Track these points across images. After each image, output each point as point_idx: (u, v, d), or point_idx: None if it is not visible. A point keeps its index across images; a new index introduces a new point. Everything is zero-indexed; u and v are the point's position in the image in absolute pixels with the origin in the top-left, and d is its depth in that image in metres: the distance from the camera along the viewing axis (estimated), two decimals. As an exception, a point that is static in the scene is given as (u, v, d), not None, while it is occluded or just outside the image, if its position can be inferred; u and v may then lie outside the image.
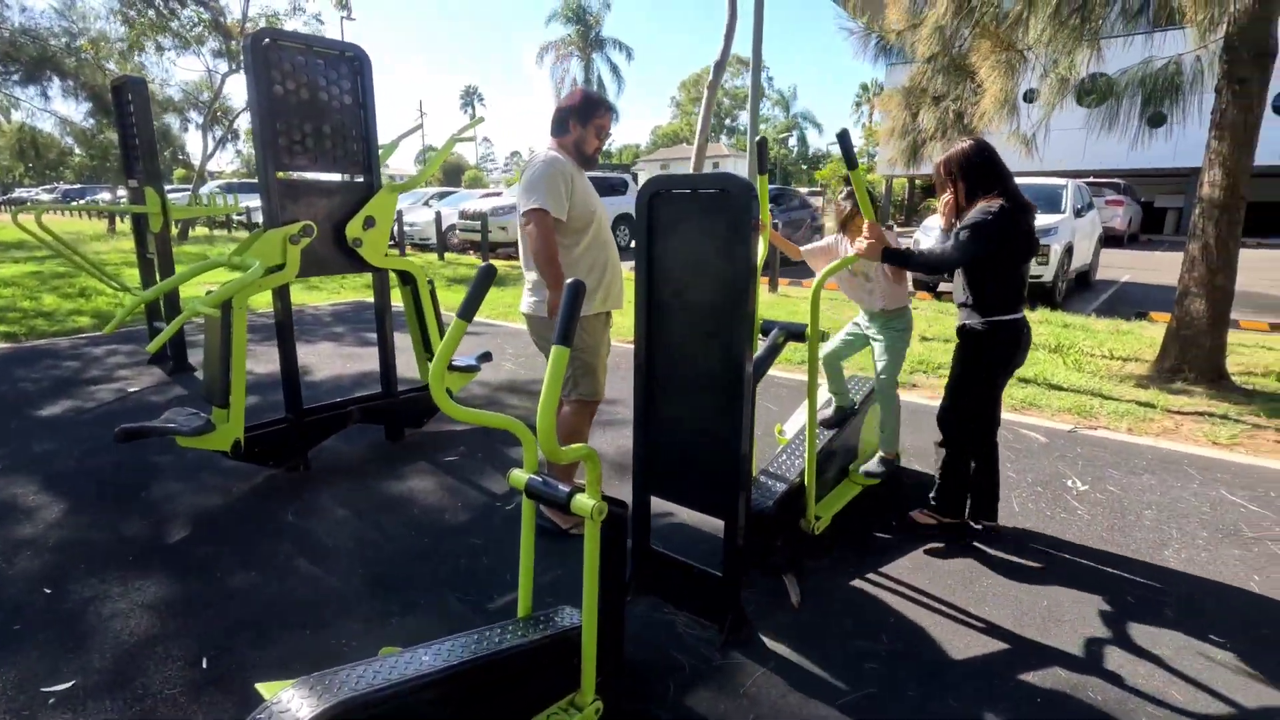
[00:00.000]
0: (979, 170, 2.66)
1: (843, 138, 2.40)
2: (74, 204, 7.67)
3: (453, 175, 49.87)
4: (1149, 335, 6.60)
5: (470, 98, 65.36)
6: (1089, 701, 2.01)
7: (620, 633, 2.01)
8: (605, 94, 45.08)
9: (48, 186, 35.64)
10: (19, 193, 36.56)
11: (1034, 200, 10.01)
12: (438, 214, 14.28)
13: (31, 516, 3.10)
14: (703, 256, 2.14)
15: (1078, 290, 10.20)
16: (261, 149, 3.27)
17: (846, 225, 3.08)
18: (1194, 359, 5.04)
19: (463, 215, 15.00)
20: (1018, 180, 2.77)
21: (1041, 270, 8.45)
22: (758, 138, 2.88)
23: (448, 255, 14.20)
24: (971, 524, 2.94)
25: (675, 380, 2.28)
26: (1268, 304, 9.05)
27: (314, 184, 3.52)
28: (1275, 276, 12.00)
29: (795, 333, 2.72)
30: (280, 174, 3.35)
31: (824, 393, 3.42)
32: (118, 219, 20.73)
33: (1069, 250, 8.95)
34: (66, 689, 2.05)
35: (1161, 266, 13.43)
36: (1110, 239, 16.72)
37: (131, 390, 5.03)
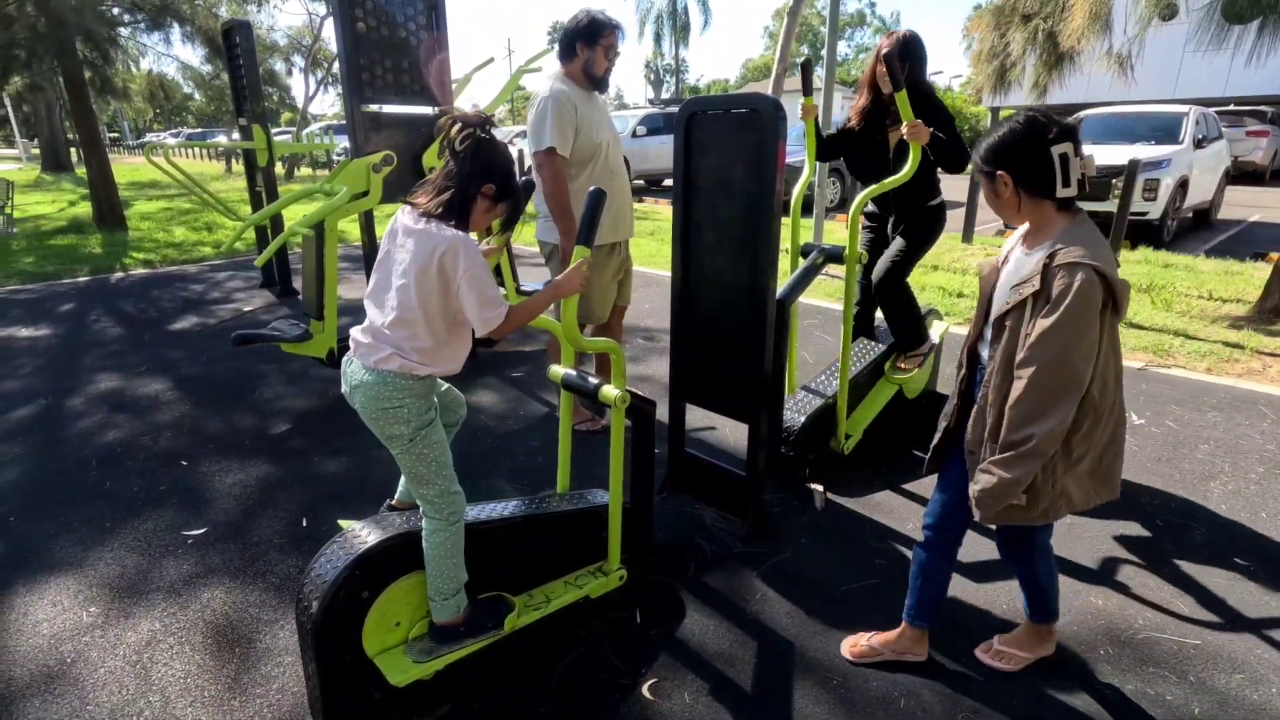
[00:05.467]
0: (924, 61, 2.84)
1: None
2: (195, 143, 8.41)
3: (539, 115, 49.81)
4: (1261, 277, 6.08)
5: (557, 33, 64.61)
6: (1089, 604, 2.11)
7: (649, 515, 2.25)
8: (689, 25, 43.21)
9: (173, 131, 38.53)
10: (149, 137, 39.78)
11: (1149, 130, 9.26)
12: (519, 152, 14.57)
13: (170, 408, 3.67)
14: (733, 175, 2.26)
15: (1193, 229, 9.38)
16: (347, 84, 3.57)
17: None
18: (1302, 299, 4.67)
19: (544, 153, 15.21)
20: (1128, 108, 2.81)
21: (1148, 207, 7.82)
22: (801, 59, 2.90)
23: (530, 193, 14.55)
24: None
25: (707, 294, 2.45)
26: None
27: (394, 116, 3.81)
28: None
29: (834, 255, 2.80)
30: (365, 107, 3.65)
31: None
32: (233, 161, 22.34)
33: (1183, 185, 8.20)
34: (201, 534, 2.53)
35: (1303, 205, 12.04)
36: (1247, 174, 15.06)
37: (246, 310, 5.66)
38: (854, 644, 1.93)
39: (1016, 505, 1.53)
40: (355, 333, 1.64)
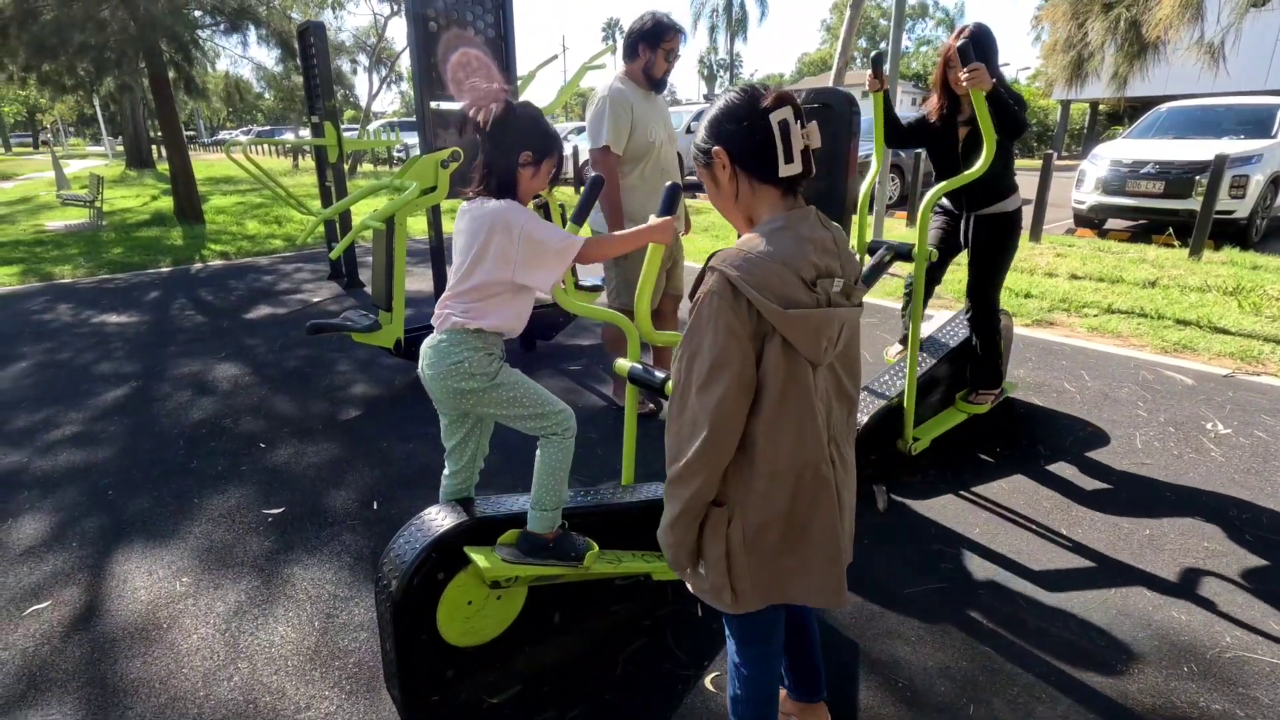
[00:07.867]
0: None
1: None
2: (266, 140, 8.79)
3: (592, 111, 50.20)
4: (1362, 280, 5.69)
5: (612, 30, 64.88)
6: (1171, 618, 2.02)
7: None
8: (746, 19, 42.91)
9: (244, 129, 40.33)
10: (223, 135, 41.74)
11: (1236, 123, 8.75)
12: (574, 148, 14.71)
13: (248, 392, 3.86)
14: (803, 171, 2.24)
15: (1284, 230, 8.82)
16: (417, 82, 3.68)
17: None
18: None
19: (599, 150, 15.34)
20: (1215, 100, 2.67)
21: (1235, 205, 7.39)
22: (874, 53, 2.84)
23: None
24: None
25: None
26: None
27: (461, 114, 3.90)
28: None
29: (902, 252, 2.75)
30: (433, 105, 3.75)
31: (937, 320, 3.40)
32: (300, 157, 23.21)
33: (1275, 182, 7.72)
34: (280, 512, 2.65)
35: None
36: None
37: (314, 300, 5.89)
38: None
39: (694, 574, 1.27)
40: (436, 309, 1.80)
